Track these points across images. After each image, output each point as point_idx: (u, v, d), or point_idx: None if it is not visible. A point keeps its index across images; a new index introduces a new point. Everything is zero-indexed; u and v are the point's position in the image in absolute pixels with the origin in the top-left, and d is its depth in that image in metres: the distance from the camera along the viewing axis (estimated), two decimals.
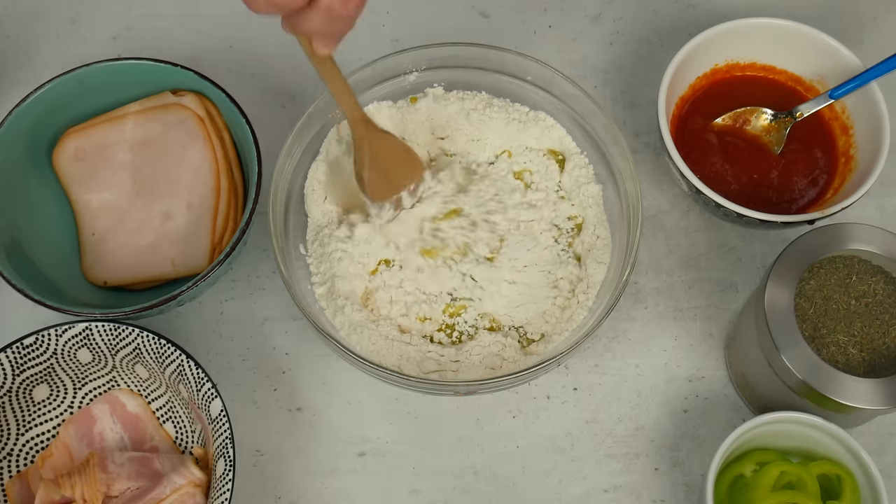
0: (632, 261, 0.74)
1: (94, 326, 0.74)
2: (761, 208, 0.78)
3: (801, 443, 0.73)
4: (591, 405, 0.79)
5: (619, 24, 0.94)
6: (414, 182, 0.79)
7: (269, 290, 0.83)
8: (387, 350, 0.75)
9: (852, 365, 0.69)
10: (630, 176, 0.76)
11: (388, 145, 0.77)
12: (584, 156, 0.81)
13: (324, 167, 0.80)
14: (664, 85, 0.80)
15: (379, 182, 0.77)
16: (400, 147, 0.78)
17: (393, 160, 0.78)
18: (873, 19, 0.94)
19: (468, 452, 0.78)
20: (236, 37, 0.93)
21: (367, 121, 0.76)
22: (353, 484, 0.77)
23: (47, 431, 0.76)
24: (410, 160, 0.79)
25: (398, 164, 0.78)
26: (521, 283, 0.78)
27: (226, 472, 0.69)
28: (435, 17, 0.94)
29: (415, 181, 0.79)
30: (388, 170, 0.77)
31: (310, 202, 0.80)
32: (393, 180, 0.78)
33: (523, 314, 0.77)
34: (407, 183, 0.78)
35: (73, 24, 0.94)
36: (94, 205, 0.81)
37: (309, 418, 0.79)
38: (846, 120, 0.83)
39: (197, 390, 0.72)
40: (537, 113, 0.83)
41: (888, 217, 0.86)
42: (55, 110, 0.81)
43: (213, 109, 0.82)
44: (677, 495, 0.77)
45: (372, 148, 0.76)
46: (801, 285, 0.71)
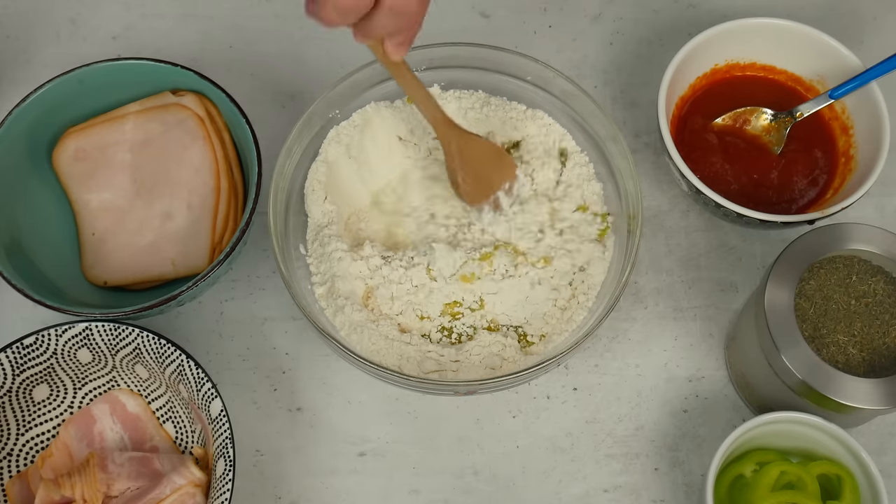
0: (632, 261, 0.74)
1: (94, 326, 0.74)
2: (761, 208, 0.78)
3: (801, 443, 0.73)
4: (591, 405, 0.79)
5: (619, 24, 0.94)
6: (508, 181, 0.78)
7: (269, 290, 0.83)
8: (387, 350, 0.75)
9: (852, 365, 0.69)
10: (630, 176, 0.76)
11: (477, 146, 0.77)
12: (584, 154, 0.81)
13: (324, 168, 0.80)
14: (664, 85, 0.80)
15: (474, 184, 0.77)
16: (488, 147, 0.78)
17: (483, 161, 0.77)
18: (873, 19, 0.94)
19: (468, 452, 0.78)
20: (236, 37, 0.93)
21: (451, 122, 0.76)
22: (353, 484, 0.77)
23: (47, 431, 0.76)
24: (501, 159, 0.78)
25: (490, 165, 0.77)
26: (521, 283, 0.78)
27: (226, 472, 0.69)
28: (435, 17, 0.93)
29: (509, 180, 0.78)
30: (481, 171, 0.77)
31: (310, 202, 0.80)
32: (487, 181, 0.78)
33: (523, 314, 0.77)
34: (501, 182, 0.78)
35: (73, 24, 0.94)
36: (94, 205, 0.81)
37: (309, 418, 0.79)
38: (846, 120, 0.83)
39: (197, 390, 0.72)
40: (535, 112, 0.83)
41: (888, 217, 0.86)
42: (55, 110, 0.81)
43: (213, 109, 0.82)
44: (677, 495, 0.77)
45: (461, 150, 0.76)
46: (801, 285, 0.71)
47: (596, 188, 0.80)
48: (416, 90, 0.74)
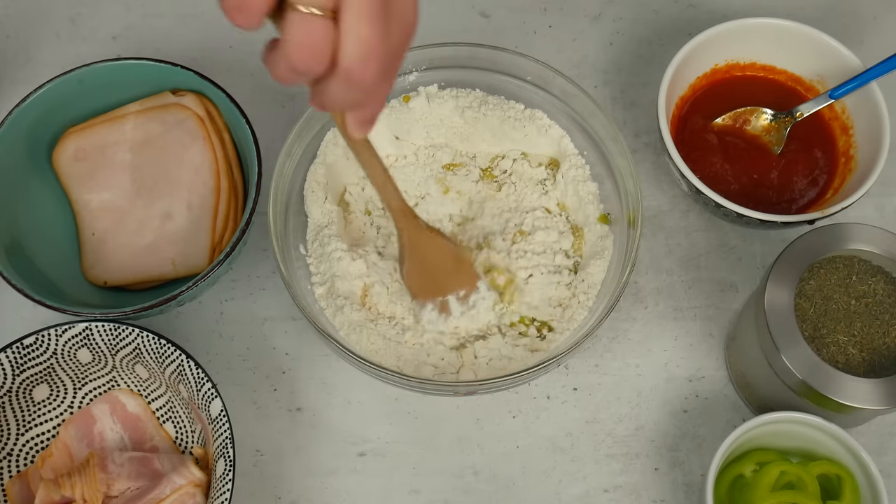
0: (632, 261, 0.74)
1: (94, 326, 0.74)
2: (761, 208, 0.78)
3: (801, 443, 0.73)
4: (591, 405, 0.79)
5: (619, 24, 0.94)
6: (464, 289, 0.75)
7: (269, 290, 0.83)
8: (386, 350, 0.75)
9: (852, 365, 0.69)
10: (630, 175, 0.76)
11: (435, 246, 0.73)
12: (580, 156, 0.81)
13: (323, 169, 0.80)
14: (664, 85, 0.80)
15: (421, 281, 0.74)
16: (447, 250, 0.74)
17: (437, 262, 0.74)
18: (873, 19, 0.94)
19: (468, 452, 0.78)
20: (236, 37, 0.93)
21: (411, 214, 0.72)
22: (353, 484, 0.77)
23: (47, 431, 0.76)
24: (460, 265, 0.75)
25: (444, 268, 0.74)
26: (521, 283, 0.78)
27: (226, 472, 0.69)
28: (435, 17, 0.93)
29: (465, 288, 0.75)
30: (432, 271, 0.74)
31: (310, 202, 0.80)
32: (437, 282, 0.74)
33: (523, 314, 0.77)
34: (454, 289, 0.74)
35: (73, 24, 0.94)
36: (94, 205, 0.81)
37: (309, 418, 0.79)
38: (846, 120, 0.83)
39: (197, 390, 0.72)
40: (533, 111, 0.82)
41: (888, 217, 0.86)
42: (55, 110, 0.81)
43: (213, 109, 0.82)
44: (677, 495, 0.77)
45: (413, 243, 0.73)
46: (801, 285, 0.71)
47: (591, 188, 0.80)
48: (377, 172, 0.68)
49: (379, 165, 0.68)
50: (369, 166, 0.67)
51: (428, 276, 0.74)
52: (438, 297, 0.75)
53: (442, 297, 0.75)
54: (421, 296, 0.75)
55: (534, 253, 0.78)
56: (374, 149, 0.66)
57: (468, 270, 0.76)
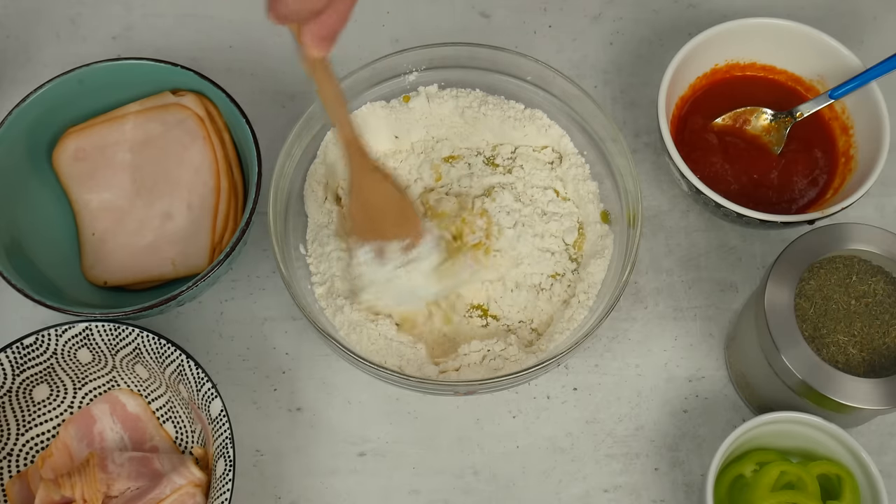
0: (632, 261, 0.74)
1: (94, 326, 0.74)
2: (761, 208, 0.78)
3: (801, 443, 0.73)
4: (591, 405, 0.79)
5: (619, 24, 0.94)
6: (407, 239, 0.72)
7: (269, 290, 0.83)
8: (387, 350, 0.75)
9: (852, 365, 0.69)
10: (630, 175, 0.76)
11: (381, 190, 0.70)
12: (580, 155, 0.81)
13: (322, 169, 0.80)
14: (664, 85, 0.80)
15: (360, 221, 0.71)
16: (393, 196, 0.71)
17: (381, 207, 0.71)
18: (873, 19, 0.94)
19: (468, 452, 0.78)
20: (236, 37, 0.93)
21: (361, 148, 0.68)
22: (353, 484, 0.77)
23: (47, 431, 0.76)
24: (405, 214, 0.72)
25: (388, 213, 0.71)
26: (521, 283, 0.78)
27: (226, 472, 0.69)
28: (435, 17, 0.94)
29: (408, 238, 0.72)
30: (374, 214, 0.71)
31: (309, 203, 0.80)
32: (377, 226, 0.71)
33: (523, 314, 0.77)
34: (395, 236, 0.72)
35: (73, 24, 0.94)
36: (94, 205, 0.81)
37: (309, 418, 0.79)
38: (846, 120, 0.83)
39: (197, 390, 0.72)
40: (533, 111, 0.83)
41: (888, 217, 0.86)
42: (55, 110, 0.81)
43: (213, 109, 0.82)
44: (677, 495, 0.77)
45: (358, 181, 0.70)
46: (801, 285, 0.71)
47: (592, 188, 0.80)
48: (334, 103, 0.65)
49: (334, 91, 0.64)
50: (324, 91, 0.64)
51: (370, 217, 0.71)
52: (378, 240, 0.72)
53: (382, 241, 0.72)
54: (359, 234, 0.72)
55: (532, 231, 0.78)
56: (332, 73, 0.63)
57: (413, 223, 0.72)
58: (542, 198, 0.80)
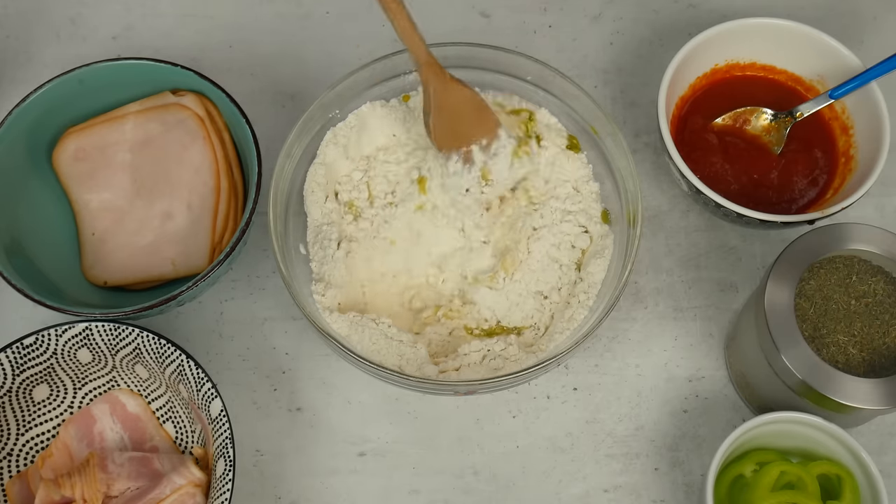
0: (632, 260, 0.74)
1: (94, 326, 0.74)
2: (761, 208, 0.78)
3: (801, 443, 0.73)
4: (591, 405, 0.79)
5: (619, 24, 0.94)
6: (486, 138, 0.76)
7: (269, 290, 0.83)
8: (387, 350, 0.75)
9: (852, 365, 0.69)
10: (630, 175, 0.76)
11: (457, 95, 0.75)
12: (582, 155, 0.81)
13: (322, 170, 0.80)
14: (664, 85, 0.80)
15: (445, 131, 0.76)
16: (469, 98, 0.76)
17: (461, 112, 0.75)
18: (873, 19, 0.94)
19: (468, 452, 0.78)
20: (236, 37, 0.93)
21: (434, 64, 0.74)
22: (353, 484, 0.77)
23: (47, 431, 0.76)
24: (481, 114, 0.76)
25: (467, 117, 0.76)
26: (522, 283, 0.78)
27: (226, 472, 0.69)
28: (435, 17, 0.93)
29: (487, 137, 0.76)
30: (455, 121, 0.76)
31: (309, 203, 0.80)
32: (460, 132, 0.76)
33: (523, 314, 0.77)
34: (477, 137, 0.76)
35: (73, 24, 0.94)
36: (94, 205, 0.81)
37: (309, 418, 0.79)
38: (846, 120, 0.83)
39: (197, 390, 0.72)
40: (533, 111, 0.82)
41: (888, 217, 0.86)
42: (55, 110, 0.81)
43: (213, 109, 0.82)
44: (677, 495, 0.77)
45: (437, 94, 0.75)
46: (801, 285, 0.71)
47: (594, 188, 0.80)
48: (405, 25, 0.72)
49: (406, 16, 0.71)
50: (396, 16, 0.70)
51: (452, 127, 0.76)
52: (462, 147, 0.76)
53: (466, 147, 0.76)
54: (446, 146, 0.76)
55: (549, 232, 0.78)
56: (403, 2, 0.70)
57: (489, 117, 0.77)
58: (563, 191, 0.80)
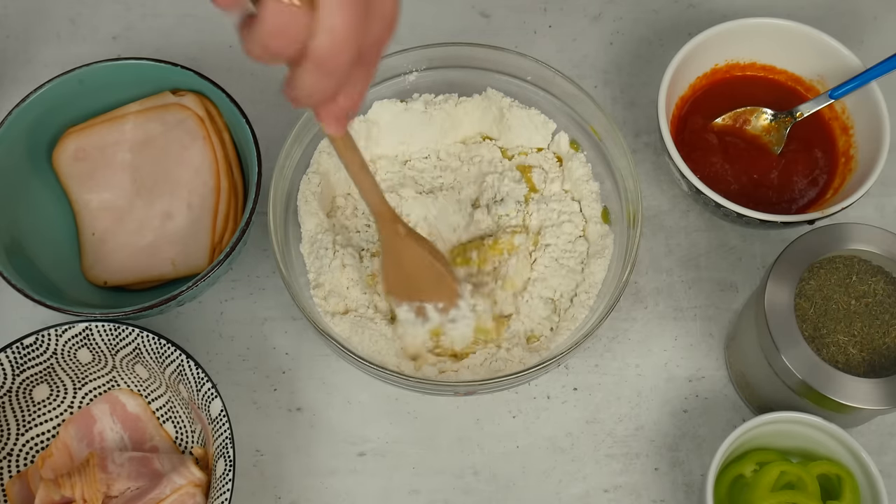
0: (632, 260, 0.74)
1: (94, 326, 0.74)
2: (761, 208, 0.78)
3: (801, 443, 0.73)
4: (591, 405, 0.79)
5: (619, 24, 0.94)
6: (443, 303, 0.74)
7: (269, 290, 0.83)
8: (387, 350, 0.75)
9: (852, 365, 0.69)
10: (630, 175, 0.76)
11: (414, 255, 0.72)
12: (582, 154, 0.81)
13: (317, 179, 0.79)
14: (664, 85, 0.80)
15: (397, 281, 0.73)
16: (427, 262, 0.72)
17: (418, 273, 0.73)
18: (873, 19, 0.94)
19: (468, 452, 0.78)
20: (236, 37, 0.92)
21: (390, 217, 0.70)
22: (353, 484, 0.77)
23: (47, 431, 0.76)
24: (441, 281, 0.73)
25: (425, 279, 0.73)
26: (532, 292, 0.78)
27: (226, 472, 0.69)
28: (435, 17, 0.94)
29: (443, 303, 0.74)
30: (412, 280, 0.73)
31: (303, 213, 0.78)
32: (414, 289, 0.73)
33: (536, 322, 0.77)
34: (432, 299, 0.74)
35: (73, 24, 0.94)
36: (94, 205, 0.81)
37: (309, 418, 0.79)
38: (846, 120, 0.83)
39: (197, 390, 0.72)
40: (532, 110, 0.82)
41: (888, 217, 0.86)
42: (55, 110, 0.81)
43: (213, 109, 0.82)
44: (677, 495, 0.77)
45: (390, 247, 0.72)
46: (801, 285, 0.71)
47: (593, 187, 0.80)
48: (357, 171, 0.67)
49: (359, 163, 0.66)
50: (349, 164, 0.66)
51: (405, 280, 0.74)
52: (415, 301, 0.75)
53: (419, 302, 0.74)
54: (396, 295, 0.75)
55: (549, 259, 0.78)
56: (355, 146, 0.65)
57: (449, 286, 0.74)
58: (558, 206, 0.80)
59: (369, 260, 0.78)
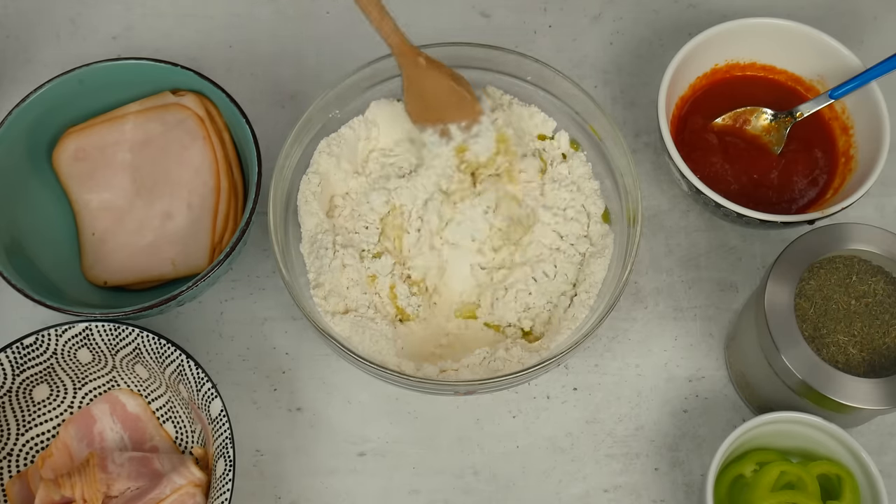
0: (632, 260, 0.74)
1: (94, 326, 0.74)
2: (761, 208, 0.78)
3: (801, 443, 0.73)
4: (591, 405, 0.79)
5: (619, 24, 0.94)
6: (466, 121, 0.77)
7: (269, 290, 0.83)
8: (387, 350, 0.75)
9: (852, 365, 0.69)
10: (630, 175, 0.76)
11: (433, 81, 0.76)
12: (582, 153, 0.81)
13: (316, 179, 0.79)
14: (664, 85, 0.80)
15: (420, 107, 0.77)
16: (447, 87, 0.76)
17: (437, 97, 0.76)
18: (873, 19, 0.94)
19: (468, 452, 0.78)
20: (236, 37, 0.93)
21: (409, 51, 0.75)
22: (353, 484, 0.77)
23: (47, 431, 0.76)
24: (461, 102, 0.77)
25: (444, 101, 0.76)
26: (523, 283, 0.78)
27: (226, 472, 0.69)
28: (435, 17, 0.94)
29: (466, 120, 0.77)
30: (431, 102, 0.76)
31: (303, 213, 0.78)
32: (437, 113, 0.77)
33: (523, 314, 0.77)
34: (455, 119, 0.77)
35: (73, 24, 0.94)
36: (94, 205, 0.81)
37: (309, 418, 0.79)
38: (846, 120, 0.83)
39: (197, 390, 0.72)
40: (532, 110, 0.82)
41: (888, 217, 0.86)
42: (55, 110, 0.81)
43: (213, 109, 0.82)
44: (677, 495, 0.77)
45: (411, 80, 0.76)
46: (801, 285, 0.71)
47: (594, 186, 0.80)
48: (382, 18, 0.72)
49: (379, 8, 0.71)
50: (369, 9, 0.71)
51: (428, 106, 0.77)
52: (439, 124, 0.77)
53: (442, 125, 0.77)
54: (420, 120, 0.77)
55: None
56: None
57: (470, 105, 0.77)
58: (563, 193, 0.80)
59: (370, 261, 0.78)
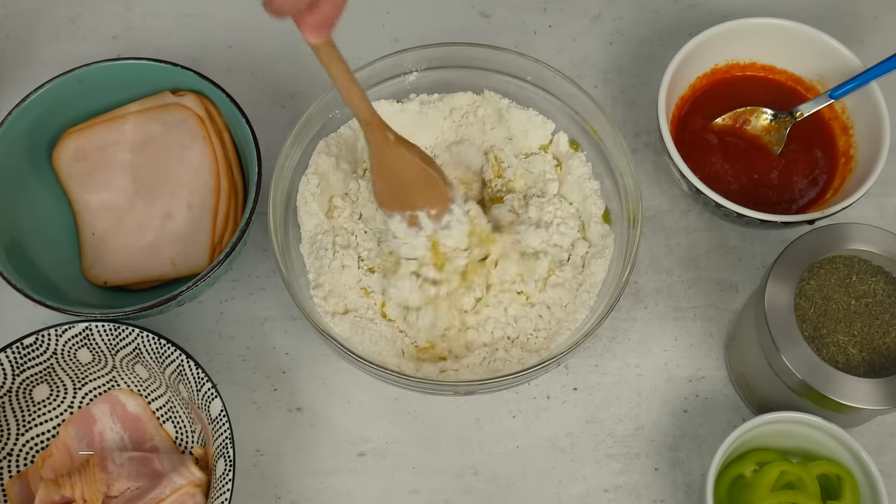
0: (632, 260, 0.74)
1: (94, 326, 0.74)
2: (761, 208, 0.78)
3: (801, 443, 0.73)
4: (591, 405, 0.79)
5: (619, 24, 0.94)
6: (435, 209, 0.72)
7: (269, 290, 0.83)
8: (387, 350, 0.75)
9: (852, 365, 0.69)
10: (630, 175, 0.76)
11: (404, 162, 0.70)
12: (582, 154, 0.81)
13: (316, 179, 0.79)
14: (664, 85, 0.80)
15: (388, 190, 0.71)
16: (416, 167, 0.71)
17: (406, 178, 0.71)
18: (873, 19, 0.94)
19: (468, 452, 0.78)
20: (236, 37, 0.93)
21: (378, 125, 0.69)
22: (353, 484, 0.77)
23: (47, 431, 0.76)
24: (430, 185, 0.71)
25: (413, 183, 0.71)
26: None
27: (226, 472, 0.69)
28: (435, 17, 0.94)
29: (436, 208, 0.72)
30: (400, 186, 0.71)
31: (302, 214, 0.78)
32: (405, 196, 0.72)
33: (523, 314, 0.77)
34: (424, 206, 0.72)
35: (73, 24, 0.94)
36: (94, 205, 0.81)
37: (309, 418, 0.79)
38: (846, 120, 0.83)
39: (197, 390, 0.72)
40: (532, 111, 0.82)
41: (888, 217, 0.86)
42: (55, 110, 0.81)
43: (213, 109, 0.82)
44: (677, 495, 0.77)
45: (380, 156, 0.70)
46: (801, 285, 0.71)
47: (594, 186, 0.80)
48: (345, 82, 0.66)
49: (344, 72, 0.65)
50: (334, 73, 0.65)
51: (396, 189, 0.71)
52: (407, 210, 0.72)
53: (411, 211, 0.72)
54: (387, 206, 0.72)
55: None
56: (338, 54, 0.64)
57: (441, 191, 0.72)
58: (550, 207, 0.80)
59: (364, 273, 0.78)
